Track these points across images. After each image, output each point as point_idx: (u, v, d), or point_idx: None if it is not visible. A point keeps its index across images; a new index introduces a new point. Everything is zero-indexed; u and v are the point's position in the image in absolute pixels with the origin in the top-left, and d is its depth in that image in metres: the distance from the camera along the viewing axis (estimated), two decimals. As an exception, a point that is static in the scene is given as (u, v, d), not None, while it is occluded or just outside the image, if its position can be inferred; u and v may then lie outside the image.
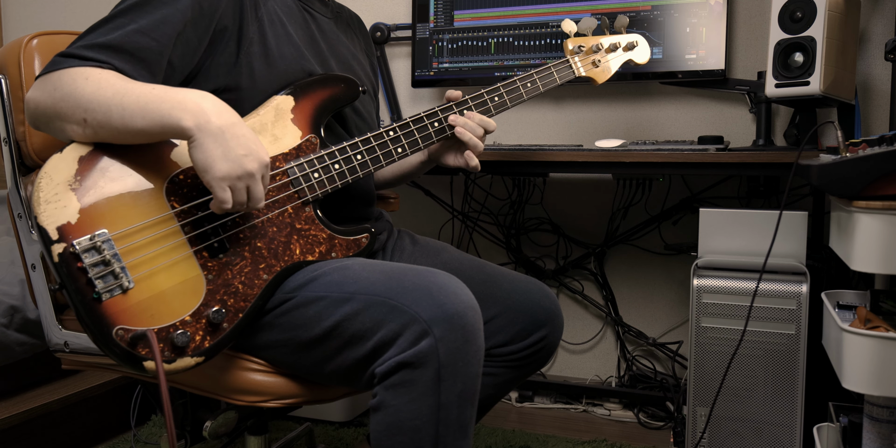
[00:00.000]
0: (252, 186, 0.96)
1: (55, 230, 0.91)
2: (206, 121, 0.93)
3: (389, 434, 0.97)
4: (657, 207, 2.07)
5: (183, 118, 0.92)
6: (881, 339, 1.10)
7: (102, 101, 0.93)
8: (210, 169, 0.93)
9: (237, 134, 0.94)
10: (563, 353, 2.24)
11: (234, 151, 0.93)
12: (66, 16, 2.72)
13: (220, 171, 0.93)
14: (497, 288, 1.23)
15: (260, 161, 0.96)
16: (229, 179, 0.94)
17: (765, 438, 1.51)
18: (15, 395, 1.76)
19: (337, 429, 1.93)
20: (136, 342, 0.93)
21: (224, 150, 0.93)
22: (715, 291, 1.54)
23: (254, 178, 0.96)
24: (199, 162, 0.93)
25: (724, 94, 1.98)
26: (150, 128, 0.93)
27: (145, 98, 0.93)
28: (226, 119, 0.94)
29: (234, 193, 0.95)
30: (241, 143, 0.94)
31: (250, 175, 0.95)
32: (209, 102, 0.95)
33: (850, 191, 1.09)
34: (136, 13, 1.02)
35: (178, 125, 0.92)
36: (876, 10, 1.82)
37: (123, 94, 0.93)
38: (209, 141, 0.93)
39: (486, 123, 1.25)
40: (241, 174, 0.94)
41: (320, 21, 1.26)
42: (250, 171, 0.95)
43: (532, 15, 1.98)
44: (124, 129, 0.94)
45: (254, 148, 0.95)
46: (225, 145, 0.93)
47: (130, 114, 0.93)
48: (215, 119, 0.93)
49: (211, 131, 0.92)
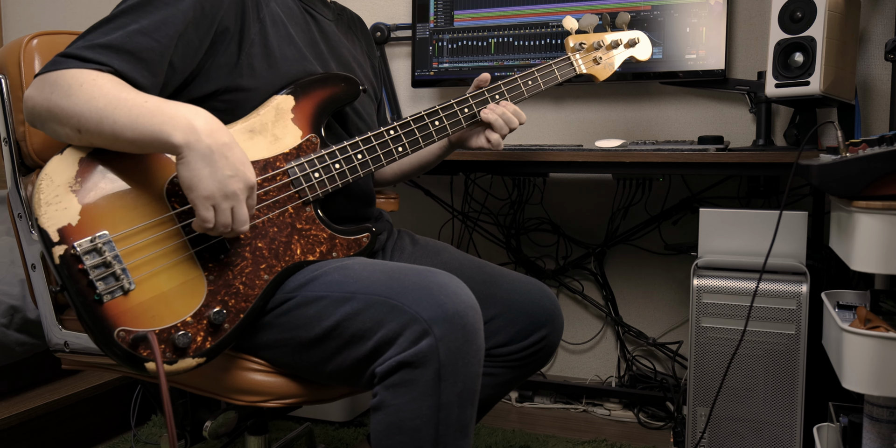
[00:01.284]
0: (236, 208, 0.96)
1: (56, 232, 0.91)
2: (197, 139, 0.92)
3: (389, 434, 0.97)
4: (657, 207, 2.07)
5: (173, 135, 0.92)
6: (881, 339, 1.10)
7: (94, 112, 0.93)
8: (195, 187, 0.93)
9: (226, 154, 0.94)
10: (563, 353, 2.24)
11: (222, 171, 0.93)
12: (66, 16, 2.72)
13: (206, 190, 0.93)
14: (497, 288, 1.23)
15: (246, 182, 0.95)
16: (213, 199, 0.93)
17: (765, 438, 1.51)
18: (15, 395, 1.76)
19: (337, 429, 1.93)
20: (137, 343, 0.93)
21: (212, 170, 0.93)
22: (715, 291, 1.54)
23: (238, 200, 0.95)
24: (185, 179, 0.93)
25: (724, 94, 1.98)
26: (140, 141, 0.93)
27: (137, 111, 0.93)
28: (216, 138, 0.93)
29: (217, 214, 0.94)
30: (229, 163, 0.94)
31: (235, 196, 0.95)
32: (201, 120, 0.94)
33: (850, 191, 1.09)
34: (137, 13, 1.01)
35: (167, 141, 0.92)
36: (876, 10, 1.82)
37: (115, 105, 0.93)
38: (197, 159, 0.92)
39: (518, 114, 1.30)
40: (227, 194, 0.94)
41: (322, 23, 1.26)
42: (234, 191, 0.94)
43: (532, 15, 1.98)
44: (115, 140, 0.94)
45: (241, 169, 0.95)
46: (213, 165, 0.93)
47: (121, 126, 0.92)
48: (206, 138, 0.93)
49: (200, 150, 0.92)
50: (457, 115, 1.26)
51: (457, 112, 1.25)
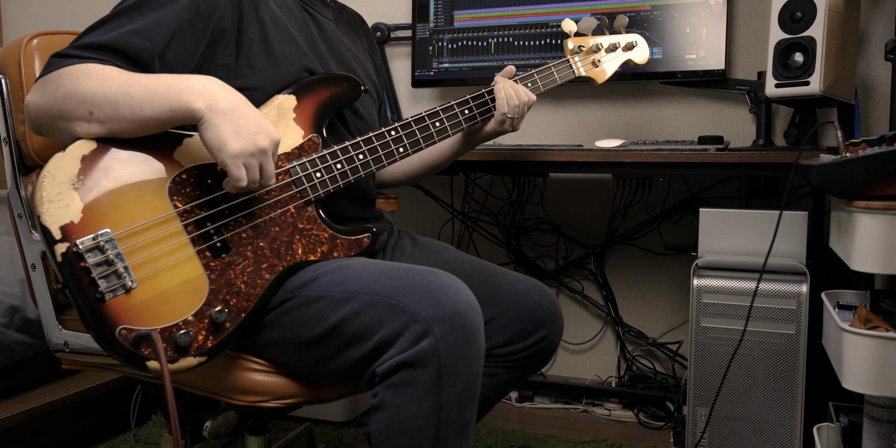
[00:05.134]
0: (264, 163, 0.98)
1: (58, 230, 0.91)
2: (216, 101, 0.94)
3: (390, 434, 0.97)
4: (657, 207, 2.07)
5: (193, 100, 0.93)
6: (881, 339, 1.11)
7: (109, 94, 0.94)
8: (224, 147, 0.94)
9: (247, 113, 0.96)
10: (563, 353, 2.24)
11: (246, 129, 0.95)
12: (66, 16, 2.72)
13: (234, 148, 0.94)
14: (497, 288, 1.24)
15: (271, 138, 0.98)
16: (243, 157, 0.95)
17: (765, 438, 1.51)
18: (15, 395, 1.76)
19: (337, 429, 1.93)
20: (139, 342, 0.93)
21: (236, 128, 0.94)
22: (715, 291, 1.54)
23: (266, 155, 0.97)
24: (212, 141, 0.94)
25: (724, 94, 1.98)
26: (160, 114, 0.94)
27: (152, 86, 0.94)
28: (234, 99, 0.96)
29: (249, 171, 0.96)
30: (251, 121, 0.96)
31: (263, 152, 0.97)
32: (216, 85, 0.96)
33: (850, 191, 1.09)
34: (132, 14, 1.02)
35: (188, 107, 0.93)
36: (876, 10, 1.82)
37: (129, 84, 0.94)
38: (220, 120, 0.94)
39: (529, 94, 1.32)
40: (255, 151, 0.96)
41: (321, 22, 1.26)
42: (263, 147, 0.96)
43: (532, 15, 1.98)
44: (133, 119, 0.94)
45: (264, 125, 0.97)
46: (236, 124, 0.94)
47: (139, 102, 0.93)
48: (224, 100, 0.95)
49: (221, 111, 0.94)
50: (457, 116, 1.26)
51: (457, 113, 1.26)
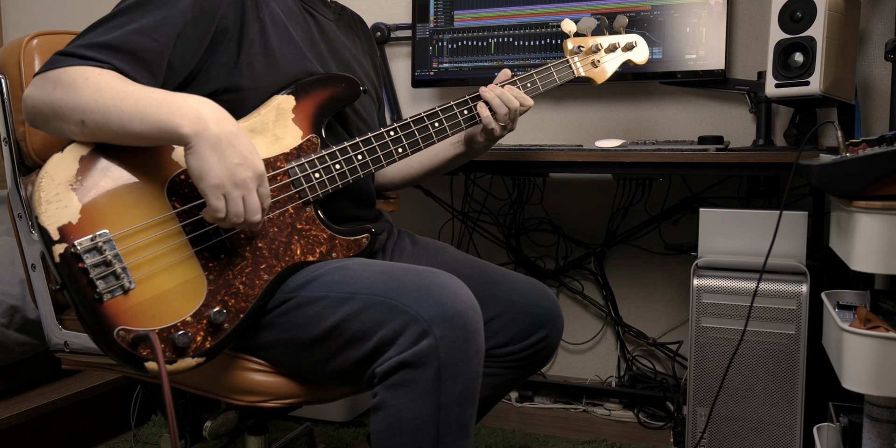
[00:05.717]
0: (247, 197, 0.95)
1: (56, 230, 0.91)
2: (205, 128, 0.92)
3: (390, 434, 0.97)
4: (657, 207, 2.07)
5: (181, 124, 0.92)
6: (881, 339, 1.10)
7: (101, 104, 0.93)
8: (205, 176, 0.93)
9: (233, 143, 0.94)
10: (563, 353, 2.24)
11: (230, 159, 0.93)
12: (66, 16, 2.72)
13: (215, 178, 0.93)
14: (497, 288, 1.23)
15: (254, 170, 0.95)
16: (223, 188, 0.93)
17: (765, 438, 1.51)
18: (15, 395, 1.76)
19: (337, 429, 1.93)
20: (137, 343, 0.93)
21: (220, 158, 0.93)
22: (715, 291, 1.54)
23: (248, 189, 0.95)
24: (194, 169, 0.93)
25: (724, 94, 1.98)
26: (148, 132, 0.93)
27: (144, 102, 0.93)
28: (223, 127, 0.94)
29: (228, 203, 0.94)
30: (237, 151, 0.94)
31: (244, 184, 0.94)
32: (208, 109, 0.94)
33: (850, 191, 1.09)
34: (136, 13, 1.01)
35: (176, 131, 0.92)
36: (876, 10, 1.82)
37: (122, 97, 0.93)
38: (206, 148, 0.92)
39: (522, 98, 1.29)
40: (236, 182, 0.94)
41: (322, 22, 1.26)
42: (244, 179, 0.94)
43: (532, 15, 1.98)
44: (122, 133, 0.94)
45: (249, 157, 0.95)
46: (221, 153, 0.93)
47: (129, 117, 0.92)
48: (213, 127, 0.93)
49: (208, 139, 0.92)
50: (456, 116, 1.26)
51: (456, 114, 1.26)
